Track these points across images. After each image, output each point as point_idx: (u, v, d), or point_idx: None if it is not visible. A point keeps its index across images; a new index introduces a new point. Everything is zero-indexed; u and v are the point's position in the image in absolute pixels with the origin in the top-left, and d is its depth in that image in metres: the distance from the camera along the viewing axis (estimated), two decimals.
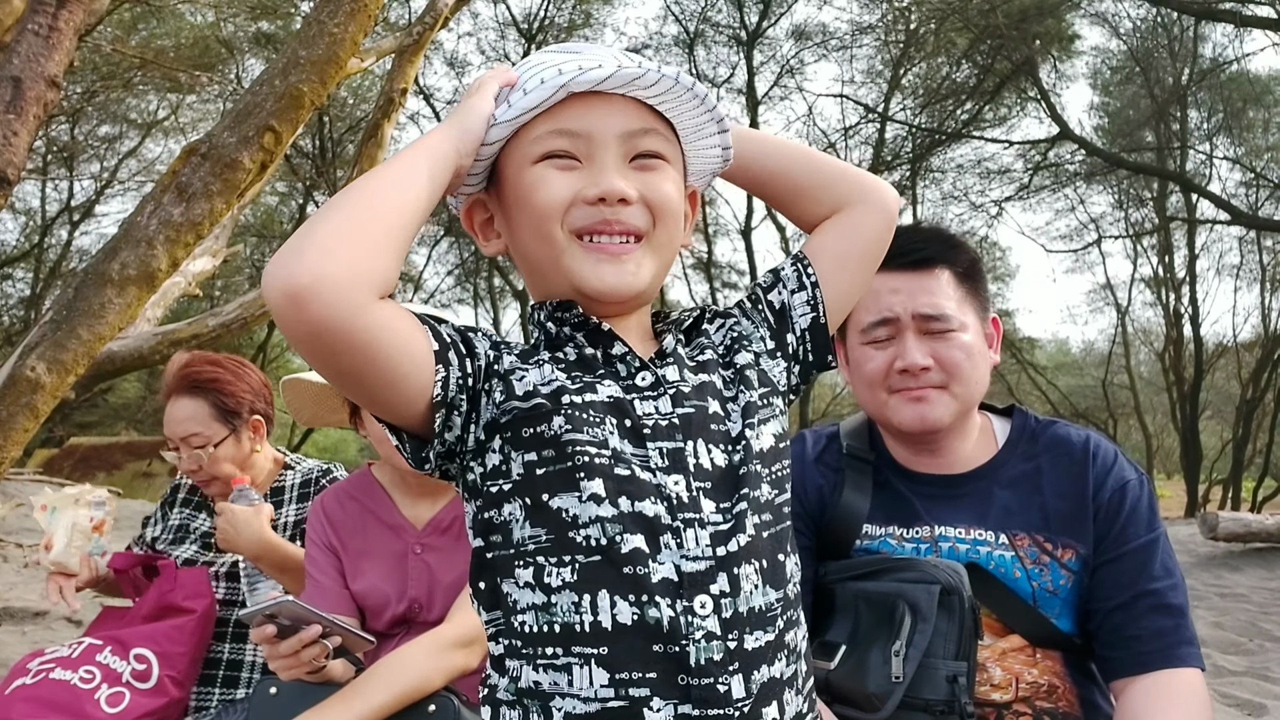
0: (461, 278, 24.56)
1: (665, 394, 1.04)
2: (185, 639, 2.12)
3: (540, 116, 1.05)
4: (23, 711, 1.97)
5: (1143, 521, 1.55)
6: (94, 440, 14.77)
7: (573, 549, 0.96)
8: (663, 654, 0.93)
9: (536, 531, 0.97)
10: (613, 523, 0.95)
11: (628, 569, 0.94)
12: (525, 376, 1.03)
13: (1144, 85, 18.17)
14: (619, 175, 1.04)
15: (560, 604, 0.95)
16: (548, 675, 0.95)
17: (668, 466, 1.00)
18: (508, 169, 1.09)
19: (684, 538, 0.97)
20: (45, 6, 3.49)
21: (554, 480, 0.98)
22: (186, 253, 3.46)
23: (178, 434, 2.34)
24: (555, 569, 0.96)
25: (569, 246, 1.05)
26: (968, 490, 1.62)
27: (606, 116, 1.05)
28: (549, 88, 1.02)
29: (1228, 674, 4.73)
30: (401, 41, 6.02)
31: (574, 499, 0.96)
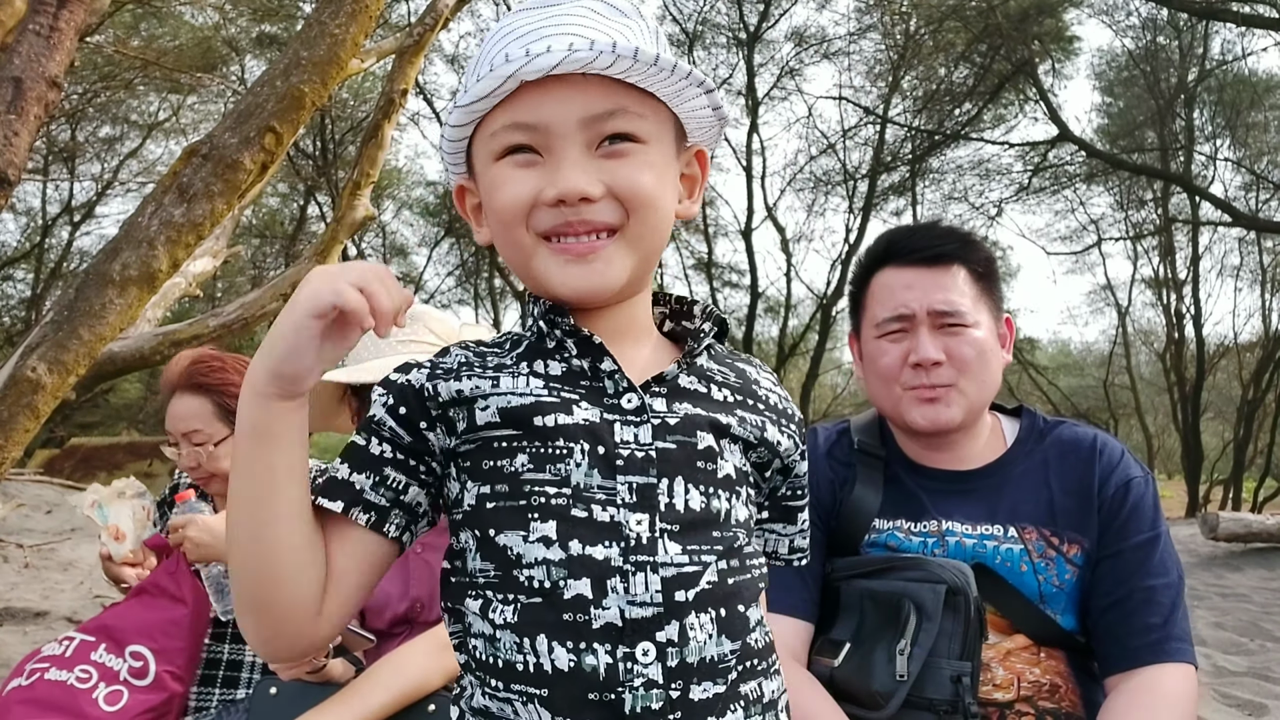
0: (461, 278, 24.56)
1: (647, 422, 0.96)
2: (181, 634, 2.11)
3: (498, 106, 0.97)
4: (20, 714, 1.96)
5: (1145, 519, 1.55)
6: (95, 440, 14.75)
7: (516, 588, 0.92)
8: (597, 701, 0.89)
9: (486, 565, 0.94)
10: (558, 566, 0.91)
11: (568, 615, 0.90)
12: (489, 400, 0.96)
13: (1146, 86, 18.16)
14: (580, 170, 0.95)
15: (504, 641, 0.92)
16: (494, 703, 0.93)
17: (634, 503, 0.93)
18: (476, 162, 1.03)
19: (632, 582, 0.90)
20: (46, 6, 3.49)
21: (503, 516, 0.93)
22: (187, 253, 3.46)
23: (179, 430, 2.34)
24: (500, 605, 0.92)
25: (536, 249, 0.98)
26: (977, 486, 1.62)
27: (564, 103, 0.94)
28: (496, 77, 0.93)
29: (1228, 674, 4.73)
30: (402, 42, 6.02)
31: (519, 538, 0.92)
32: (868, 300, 1.67)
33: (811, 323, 22.38)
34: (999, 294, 1.67)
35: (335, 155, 18.76)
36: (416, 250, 25.20)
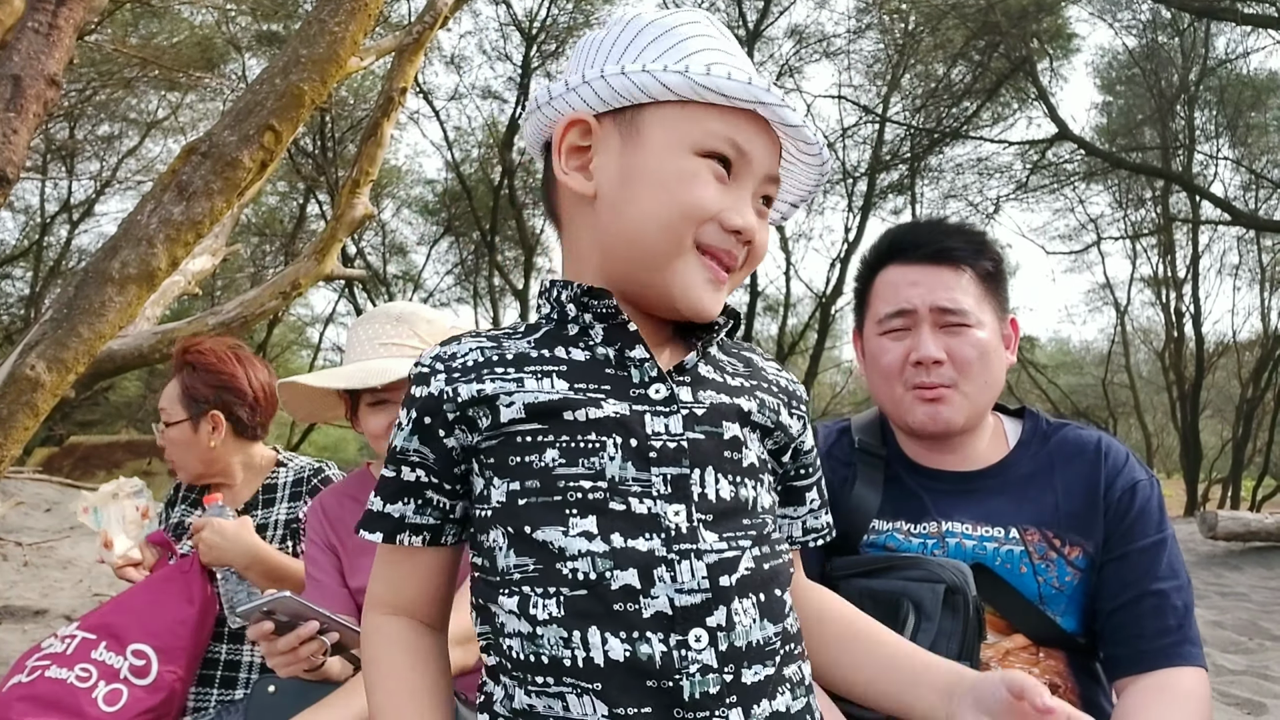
0: (461, 277, 24.56)
1: (677, 412, 0.97)
2: (187, 634, 2.11)
3: (711, 108, 0.97)
4: (20, 711, 1.95)
5: (1152, 521, 1.55)
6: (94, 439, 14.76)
7: (559, 581, 0.91)
8: (656, 689, 0.89)
9: (523, 561, 0.93)
10: (604, 558, 0.90)
11: (618, 605, 0.90)
12: (514, 397, 0.95)
13: (1146, 85, 18.16)
14: (751, 213, 1.00)
15: (547, 637, 0.91)
16: (541, 700, 0.91)
17: (670, 494, 0.94)
18: (653, 130, 0.97)
19: (678, 570, 0.91)
20: (45, 4, 3.48)
21: (538, 512, 0.93)
22: (186, 251, 3.46)
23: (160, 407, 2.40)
24: (541, 600, 0.91)
25: (688, 254, 0.97)
26: (978, 487, 1.62)
27: (766, 150, 1.00)
28: (742, 91, 0.95)
29: (1227, 673, 4.73)
30: (401, 40, 6.01)
31: (559, 532, 0.92)
32: (872, 297, 1.67)
33: (811, 321, 22.39)
34: (1005, 294, 1.66)
35: (335, 154, 18.75)
36: (415, 249, 25.20)
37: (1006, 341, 1.65)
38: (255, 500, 2.39)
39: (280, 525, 2.33)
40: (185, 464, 2.37)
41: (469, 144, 21.99)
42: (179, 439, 2.35)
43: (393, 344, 1.87)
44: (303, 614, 1.60)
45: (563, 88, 1.00)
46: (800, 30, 19.55)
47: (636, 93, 0.97)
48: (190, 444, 2.35)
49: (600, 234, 1.00)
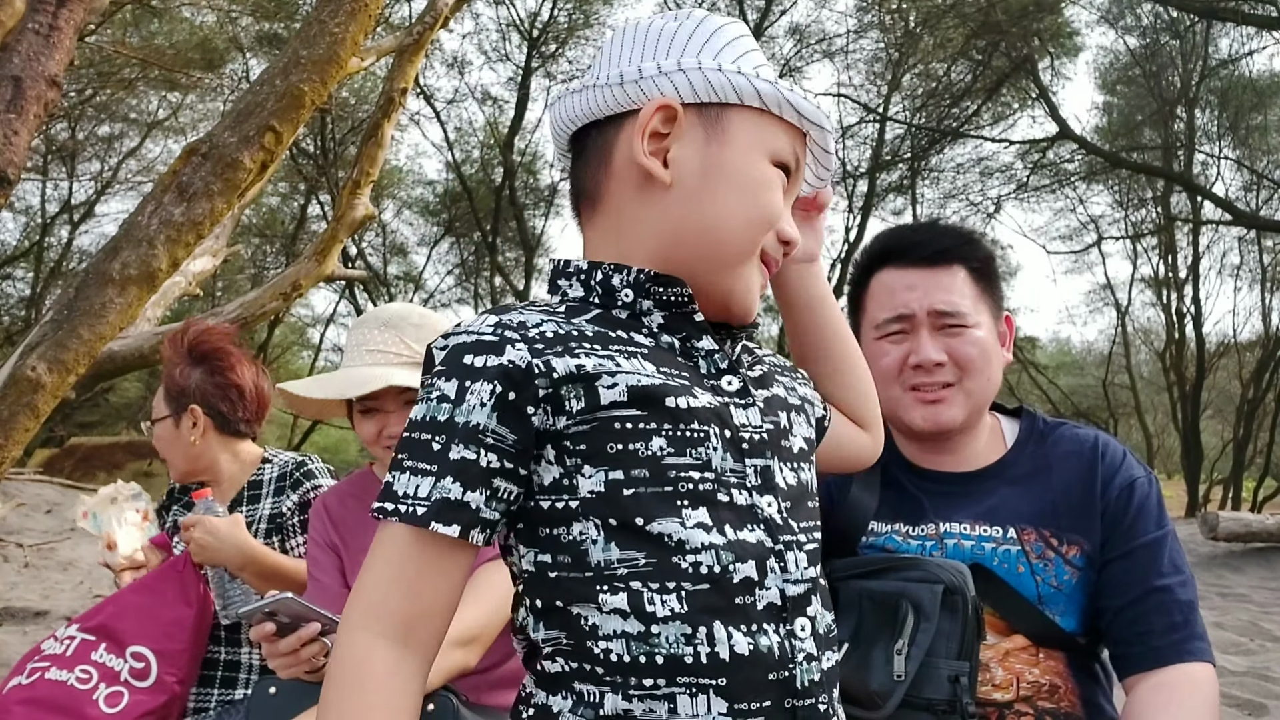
0: (462, 277, 24.57)
1: (755, 404, 0.97)
2: (185, 636, 2.10)
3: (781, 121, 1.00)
4: (20, 714, 1.95)
5: (1151, 518, 1.55)
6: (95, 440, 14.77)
7: (678, 575, 0.87)
8: (775, 681, 0.89)
9: (630, 555, 0.87)
10: (725, 550, 0.88)
11: (739, 599, 0.88)
12: (617, 378, 0.89)
13: (1147, 85, 18.16)
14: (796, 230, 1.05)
15: (665, 635, 0.86)
16: (643, 704, 0.86)
17: (761, 485, 0.93)
18: (739, 131, 0.98)
19: (786, 560, 0.92)
20: (46, 5, 3.49)
21: (648, 502, 0.87)
22: (187, 252, 3.46)
23: None
24: (658, 596, 0.86)
25: (755, 259, 1.00)
26: (976, 488, 1.62)
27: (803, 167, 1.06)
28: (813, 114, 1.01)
29: (1228, 674, 4.73)
30: (402, 41, 6.01)
31: (676, 524, 0.87)
32: (867, 301, 1.67)
33: None
34: (999, 292, 1.66)
35: (335, 154, 18.75)
36: (416, 249, 25.21)
37: (1002, 339, 1.65)
38: (240, 497, 2.37)
39: (264, 520, 2.32)
40: (173, 461, 2.36)
41: (470, 145, 22.01)
42: (164, 436, 2.34)
43: (378, 351, 1.84)
44: (304, 615, 1.59)
45: (654, 69, 0.97)
46: (801, 29, 19.56)
47: (730, 92, 0.97)
48: (174, 440, 2.33)
49: (670, 224, 0.97)
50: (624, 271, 0.96)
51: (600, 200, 1.01)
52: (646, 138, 0.96)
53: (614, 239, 1.00)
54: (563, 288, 1.00)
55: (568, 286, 1.00)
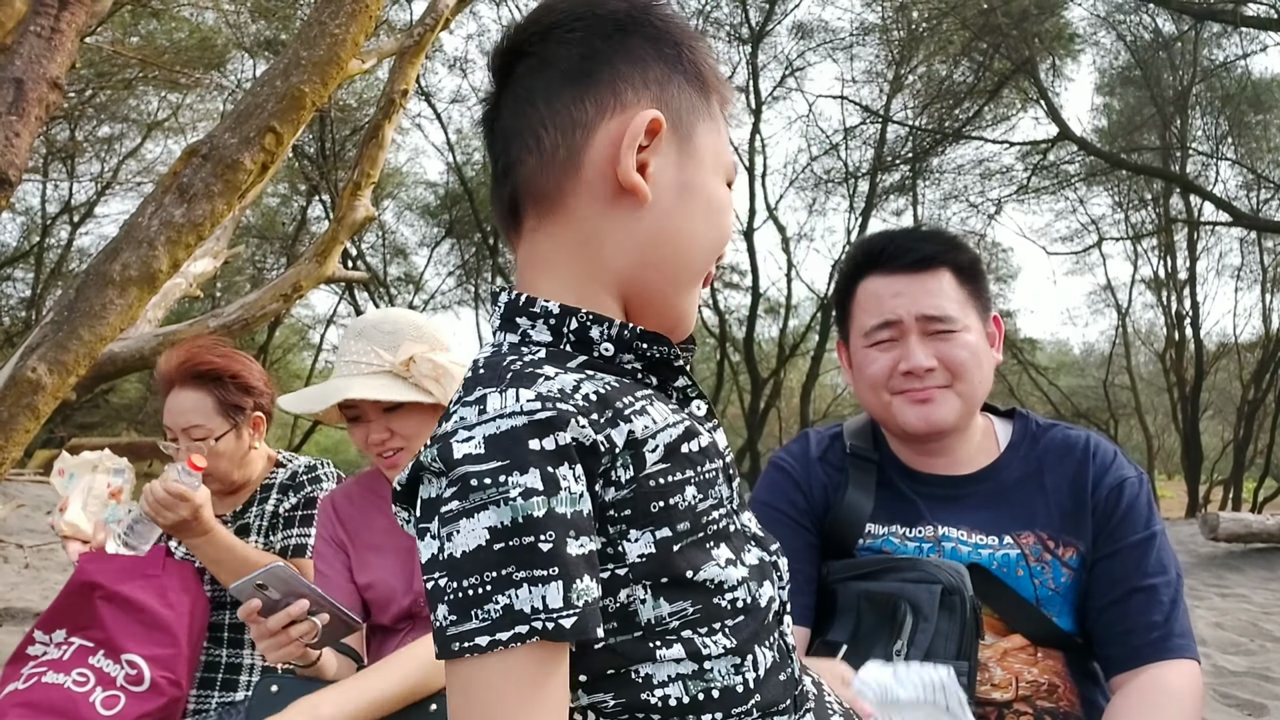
0: (462, 278, 24.57)
1: (719, 425, 0.96)
2: (171, 640, 2.09)
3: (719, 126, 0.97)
4: (18, 716, 1.96)
5: (1140, 518, 1.55)
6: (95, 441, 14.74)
7: (722, 615, 0.85)
8: (787, 679, 0.91)
9: (679, 607, 0.84)
10: (750, 580, 0.88)
11: (765, 618, 0.90)
12: (657, 438, 0.84)
13: (1146, 87, 18.17)
14: None
15: (718, 669, 0.85)
16: None
17: (740, 504, 0.94)
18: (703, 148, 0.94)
19: (780, 568, 0.96)
20: (47, 8, 3.49)
21: (690, 554, 0.85)
22: (188, 254, 3.46)
23: (179, 425, 2.26)
24: (708, 639, 0.84)
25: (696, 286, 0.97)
26: (971, 492, 1.62)
27: None
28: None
29: (1228, 674, 4.73)
30: (402, 43, 6.02)
31: (714, 567, 0.85)
32: (854, 309, 1.67)
33: (812, 323, 22.39)
34: (986, 294, 1.67)
35: (335, 156, 18.76)
36: (417, 251, 25.22)
37: (991, 340, 1.65)
38: (253, 499, 2.38)
39: (267, 517, 2.32)
40: (227, 473, 2.30)
41: (470, 146, 22.00)
42: (229, 451, 2.29)
43: (352, 361, 1.85)
44: (295, 590, 1.57)
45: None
46: (804, 28, 19.57)
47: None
48: (235, 453, 2.31)
49: (640, 242, 0.91)
50: (604, 324, 0.89)
51: (560, 208, 0.91)
52: (625, 149, 0.88)
53: (573, 252, 0.91)
54: (523, 327, 0.90)
55: (529, 327, 0.90)
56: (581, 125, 0.90)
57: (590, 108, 0.90)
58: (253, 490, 2.39)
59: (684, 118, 0.92)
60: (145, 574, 2.15)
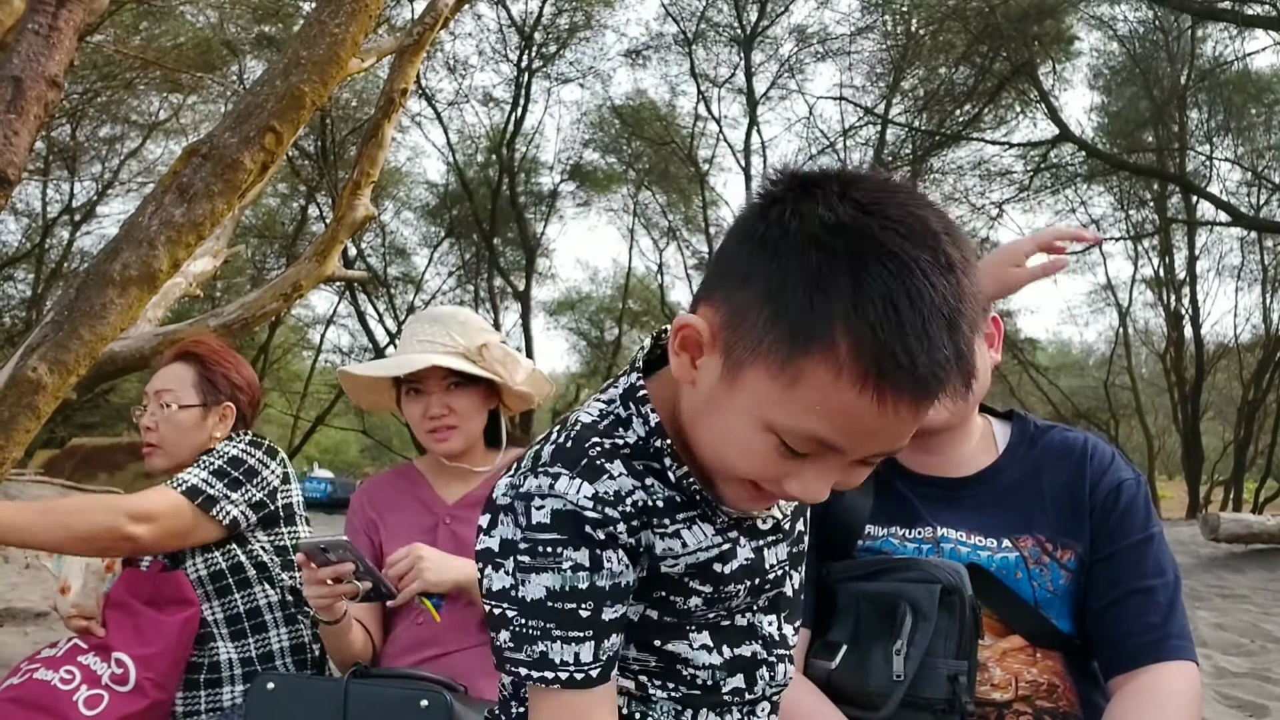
0: (462, 278, 24.57)
1: (783, 541, 1.05)
2: (162, 640, 2.08)
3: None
4: (5, 712, 1.96)
5: (1137, 520, 1.55)
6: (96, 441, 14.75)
7: (679, 680, 1.00)
8: None
9: (644, 658, 1.00)
10: (720, 669, 1.00)
11: (726, 697, 1.02)
12: (679, 560, 0.97)
13: (1143, 86, 18.16)
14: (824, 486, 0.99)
15: (662, 706, 1.00)
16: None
17: (766, 607, 1.04)
18: (744, 389, 0.89)
19: (776, 671, 1.04)
20: (45, 6, 3.49)
21: (665, 630, 0.99)
22: (188, 253, 3.46)
23: (153, 388, 2.30)
24: (658, 690, 1.00)
25: (743, 484, 0.96)
26: (970, 494, 1.62)
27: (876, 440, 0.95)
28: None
29: (1229, 675, 4.73)
30: (402, 42, 6.01)
31: (685, 645, 0.99)
32: None
33: None
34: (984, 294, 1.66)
35: (335, 155, 18.77)
36: (417, 251, 25.22)
37: (990, 340, 1.65)
38: None
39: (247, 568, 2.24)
40: (177, 450, 2.27)
41: (470, 146, 22.02)
42: (186, 423, 2.27)
43: (427, 341, 2.05)
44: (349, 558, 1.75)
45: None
46: (803, 29, 19.58)
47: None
48: (193, 430, 2.28)
49: (688, 412, 0.96)
50: (662, 437, 0.97)
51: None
52: (680, 347, 0.93)
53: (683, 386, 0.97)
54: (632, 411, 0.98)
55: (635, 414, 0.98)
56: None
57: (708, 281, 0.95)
58: None
59: (736, 351, 0.88)
60: (142, 581, 2.16)
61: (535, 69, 20.85)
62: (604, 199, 24.77)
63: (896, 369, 0.80)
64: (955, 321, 0.82)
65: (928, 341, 0.80)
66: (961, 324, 0.83)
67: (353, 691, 1.74)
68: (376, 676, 1.81)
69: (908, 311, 0.80)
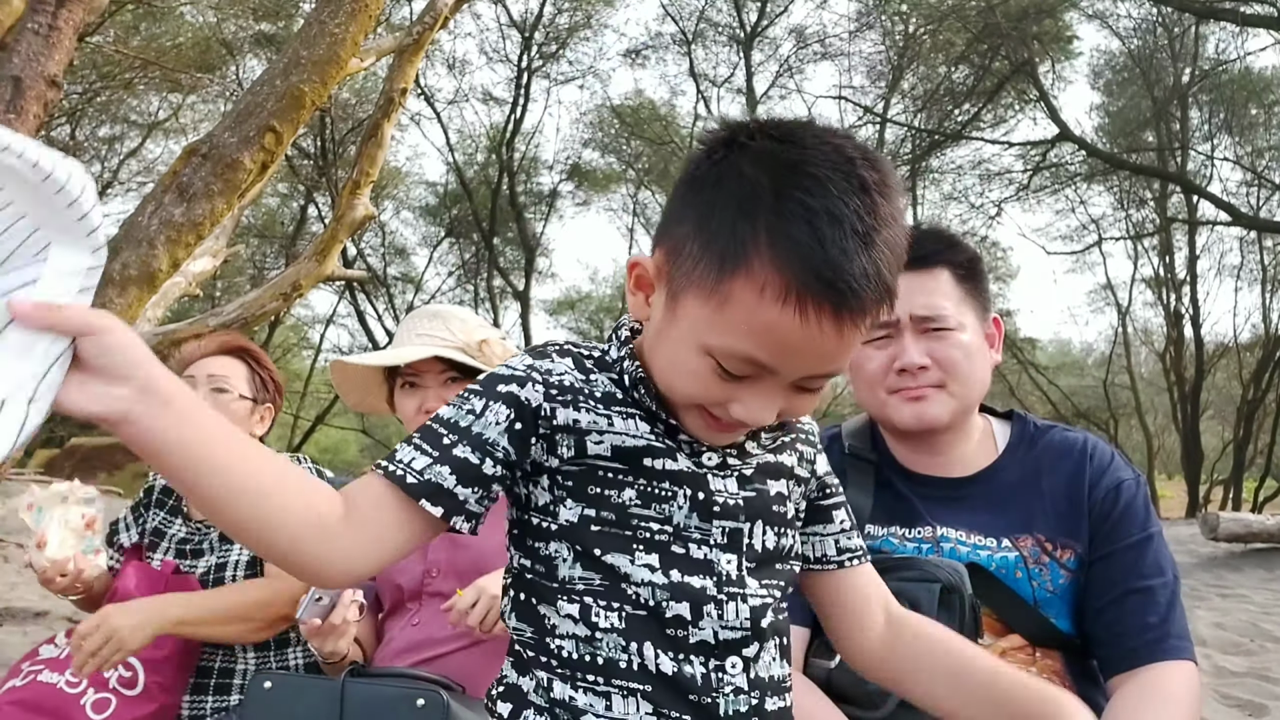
0: (462, 278, 24.57)
1: (732, 475, 1.04)
2: (170, 644, 2.07)
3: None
4: (9, 715, 1.95)
5: (1136, 520, 1.55)
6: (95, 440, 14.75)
7: (622, 599, 1.00)
8: (696, 703, 0.99)
9: (589, 575, 1.00)
10: (662, 589, 0.99)
11: (670, 630, 0.99)
12: (604, 437, 1.00)
13: (1144, 86, 18.16)
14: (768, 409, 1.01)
15: (606, 641, 0.99)
16: (586, 696, 0.99)
17: (725, 544, 1.02)
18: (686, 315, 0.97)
19: (725, 610, 1.01)
20: (45, 6, 3.49)
21: (608, 540, 1.00)
22: (187, 253, 3.47)
23: (205, 374, 2.27)
24: (604, 611, 0.99)
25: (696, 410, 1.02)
26: (969, 493, 1.62)
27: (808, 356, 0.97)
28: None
29: (1228, 674, 4.73)
30: (401, 41, 6.02)
31: (626, 559, 0.99)
32: None
33: None
34: (985, 294, 1.66)
35: (335, 155, 18.76)
36: (416, 250, 25.21)
37: (990, 340, 1.65)
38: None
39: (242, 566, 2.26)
40: None
41: (470, 146, 22.02)
42: (240, 414, 2.28)
43: (425, 335, 2.06)
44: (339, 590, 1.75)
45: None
46: (801, 29, 19.57)
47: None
48: (243, 423, 2.29)
49: (647, 338, 1.04)
50: (631, 362, 1.04)
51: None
52: (633, 286, 1.03)
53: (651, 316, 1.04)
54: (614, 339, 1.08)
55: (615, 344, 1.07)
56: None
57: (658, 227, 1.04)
58: None
59: (675, 282, 0.96)
60: (153, 585, 2.15)
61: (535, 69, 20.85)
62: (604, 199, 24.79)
63: (815, 282, 0.86)
64: (870, 239, 0.87)
65: (844, 256, 0.86)
66: (877, 241, 0.88)
67: (349, 690, 1.74)
68: (373, 675, 1.81)
69: (824, 229, 0.86)
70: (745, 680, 1.01)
